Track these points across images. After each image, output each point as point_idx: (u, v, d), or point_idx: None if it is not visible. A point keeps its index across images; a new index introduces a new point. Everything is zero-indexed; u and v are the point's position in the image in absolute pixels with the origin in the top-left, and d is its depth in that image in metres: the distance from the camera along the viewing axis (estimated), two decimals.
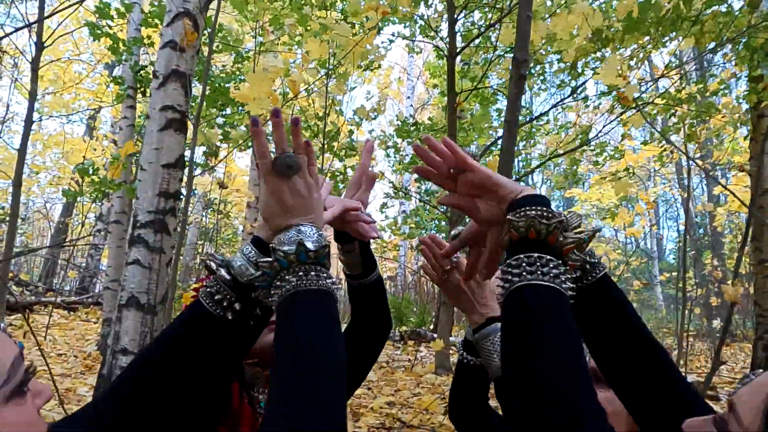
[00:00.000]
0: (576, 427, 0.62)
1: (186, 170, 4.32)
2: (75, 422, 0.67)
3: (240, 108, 6.83)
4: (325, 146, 6.61)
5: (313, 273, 0.77)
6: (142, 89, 7.84)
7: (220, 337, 0.85)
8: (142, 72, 7.55)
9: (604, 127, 5.95)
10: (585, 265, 0.84)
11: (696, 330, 14.75)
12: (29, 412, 0.53)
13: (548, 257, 0.76)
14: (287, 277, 0.77)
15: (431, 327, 10.98)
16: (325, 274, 0.79)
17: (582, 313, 0.84)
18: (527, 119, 8.24)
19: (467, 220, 0.94)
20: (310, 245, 0.78)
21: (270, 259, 0.80)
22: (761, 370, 0.60)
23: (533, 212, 0.77)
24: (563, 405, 0.64)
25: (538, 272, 0.74)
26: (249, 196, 11.57)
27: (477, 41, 6.69)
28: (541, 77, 8.60)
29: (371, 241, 1.14)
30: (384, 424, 5.25)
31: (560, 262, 0.76)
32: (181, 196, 4.44)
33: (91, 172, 6.14)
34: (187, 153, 4.35)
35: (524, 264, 0.75)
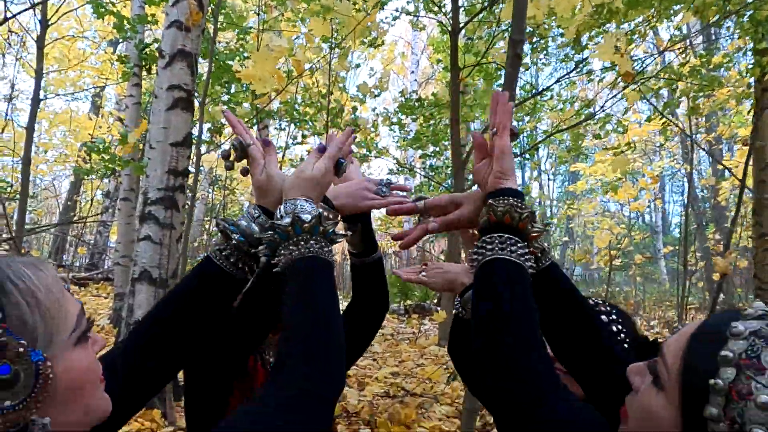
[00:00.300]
0: (541, 400, 0.74)
1: (193, 148, 4.42)
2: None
3: (245, 86, 6.88)
4: (329, 123, 6.67)
5: (312, 242, 0.88)
6: (147, 67, 7.88)
7: (228, 293, 0.98)
8: (146, 50, 7.58)
9: (605, 102, 5.97)
10: (539, 252, 0.97)
11: (699, 303, 14.88)
12: (91, 355, 0.64)
13: (517, 239, 0.89)
14: (294, 244, 0.88)
15: (435, 301, 11.16)
16: (326, 244, 0.90)
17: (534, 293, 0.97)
18: (531, 94, 8.24)
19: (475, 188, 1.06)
20: (315, 213, 0.89)
21: (279, 223, 0.91)
22: (689, 322, 0.71)
23: (511, 201, 0.90)
24: (529, 382, 0.77)
25: (508, 250, 0.87)
26: None
27: (480, 16, 6.66)
28: (545, 51, 8.56)
29: (373, 218, 1.26)
30: (388, 393, 5.42)
31: (526, 244, 0.90)
32: (190, 173, 4.55)
33: (101, 150, 6.23)
34: (195, 130, 4.44)
35: (497, 242, 0.88)
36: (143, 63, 7.76)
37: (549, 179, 26.49)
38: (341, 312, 0.96)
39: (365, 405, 4.99)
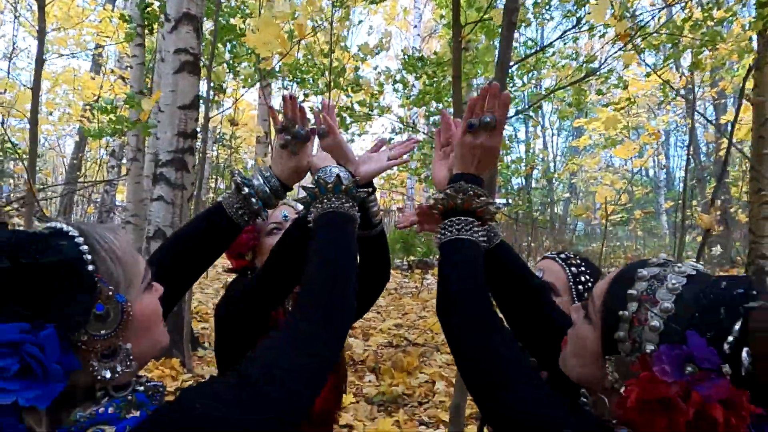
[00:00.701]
0: (505, 384, 0.85)
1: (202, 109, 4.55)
2: None
3: (248, 49, 6.92)
4: (332, 83, 6.74)
5: (334, 199, 1.07)
6: (149, 26, 7.89)
7: (229, 237, 1.18)
8: (148, 9, 7.59)
9: (605, 60, 6.01)
10: (490, 232, 1.15)
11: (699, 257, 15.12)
12: (156, 299, 0.83)
13: (474, 221, 1.06)
14: (320, 202, 1.07)
15: (437, 256, 11.39)
16: (352, 203, 1.09)
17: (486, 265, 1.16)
18: (534, 50, 8.23)
19: None
20: (344, 179, 1.09)
21: (313, 186, 1.10)
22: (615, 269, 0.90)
23: (469, 191, 1.07)
24: (484, 362, 0.89)
25: (463, 230, 1.05)
26: (258, 131, 11.74)
27: None
28: (548, 5, 8.48)
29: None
30: (392, 343, 5.72)
31: (480, 223, 1.08)
32: (198, 135, 4.69)
33: (108, 111, 6.34)
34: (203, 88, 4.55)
35: (456, 224, 1.06)
36: (145, 23, 7.78)
37: (553, 134, 26.41)
38: None
39: (370, 354, 5.28)
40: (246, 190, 1.15)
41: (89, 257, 0.71)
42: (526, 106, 9.41)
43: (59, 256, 0.67)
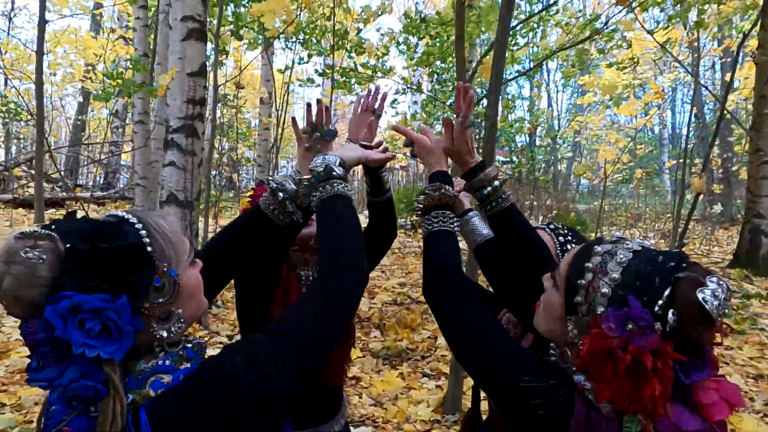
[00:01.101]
0: (504, 375, 0.99)
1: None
2: None
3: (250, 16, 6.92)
4: (335, 45, 6.78)
5: (333, 183, 1.23)
6: None
7: (270, 234, 1.35)
8: None
9: (607, 22, 6.02)
10: (493, 201, 1.33)
11: (699, 215, 15.25)
12: (198, 273, 1.00)
13: (451, 213, 1.28)
14: (316, 189, 1.23)
15: None
16: (344, 185, 1.25)
17: (497, 224, 1.35)
18: (538, 9, 8.19)
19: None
20: (327, 163, 1.24)
21: (305, 177, 1.26)
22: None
23: (441, 189, 1.29)
24: (479, 354, 1.05)
25: (439, 221, 1.27)
26: (262, 93, 11.77)
27: None
28: None
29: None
30: (396, 301, 5.95)
31: (455, 215, 1.30)
32: (207, 102, 4.81)
33: (114, 76, 6.42)
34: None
35: (435, 218, 1.28)
36: None
37: (557, 91, 26.16)
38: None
39: (375, 311, 5.53)
40: (281, 195, 1.32)
41: (147, 240, 0.88)
42: (529, 67, 9.39)
43: (126, 241, 0.84)
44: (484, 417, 1.53)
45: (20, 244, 0.80)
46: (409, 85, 9.26)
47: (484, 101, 3.36)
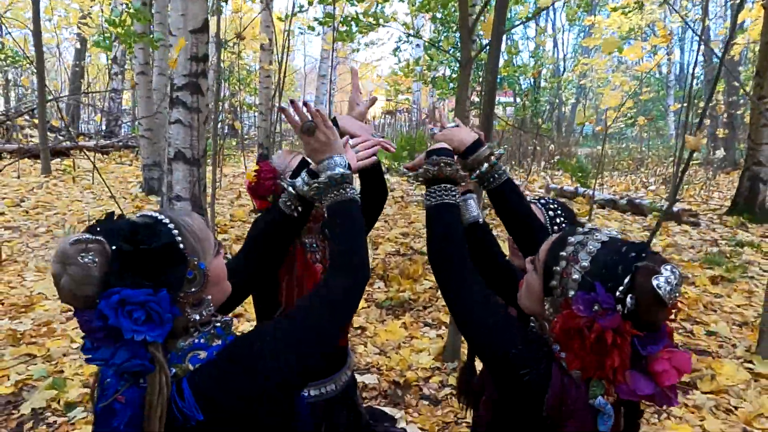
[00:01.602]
0: (507, 353, 1.13)
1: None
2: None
3: None
4: None
5: (347, 187, 1.35)
6: None
7: (289, 226, 1.52)
8: None
9: None
10: (490, 177, 1.47)
11: (702, 159, 15.26)
12: (222, 262, 1.14)
13: (451, 187, 1.40)
14: (342, 189, 1.35)
15: None
16: (353, 189, 1.37)
17: (495, 199, 1.49)
18: None
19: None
20: (341, 170, 1.35)
21: (321, 180, 1.37)
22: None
23: (440, 163, 1.40)
24: (477, 329, 1.21)
25: (443, 195, 1.39)
26: (263, 39, 11.61)
27: None
28: None
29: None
30: (399, 251, 6.14)
31: (456, 188, 1.42)
32: (209, 58, 4.82)
33: (116, 24, 6.38)
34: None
35: (437, 191, 1.40)
36: None
37: (564, 31, 25.55)
38: None
39: (379, 262, 5.72)
40: (296, 193, 1.46)
41: (179, 239, 1.02)
42: (531, 13, 9.21)
43: (162, 240, 0.98)
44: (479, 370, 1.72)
45: (74, 249, 0.94)
46: (407, 32, 9.12)
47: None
